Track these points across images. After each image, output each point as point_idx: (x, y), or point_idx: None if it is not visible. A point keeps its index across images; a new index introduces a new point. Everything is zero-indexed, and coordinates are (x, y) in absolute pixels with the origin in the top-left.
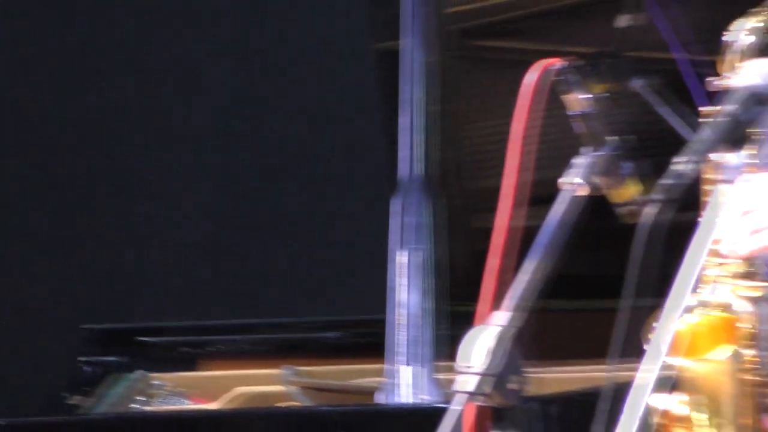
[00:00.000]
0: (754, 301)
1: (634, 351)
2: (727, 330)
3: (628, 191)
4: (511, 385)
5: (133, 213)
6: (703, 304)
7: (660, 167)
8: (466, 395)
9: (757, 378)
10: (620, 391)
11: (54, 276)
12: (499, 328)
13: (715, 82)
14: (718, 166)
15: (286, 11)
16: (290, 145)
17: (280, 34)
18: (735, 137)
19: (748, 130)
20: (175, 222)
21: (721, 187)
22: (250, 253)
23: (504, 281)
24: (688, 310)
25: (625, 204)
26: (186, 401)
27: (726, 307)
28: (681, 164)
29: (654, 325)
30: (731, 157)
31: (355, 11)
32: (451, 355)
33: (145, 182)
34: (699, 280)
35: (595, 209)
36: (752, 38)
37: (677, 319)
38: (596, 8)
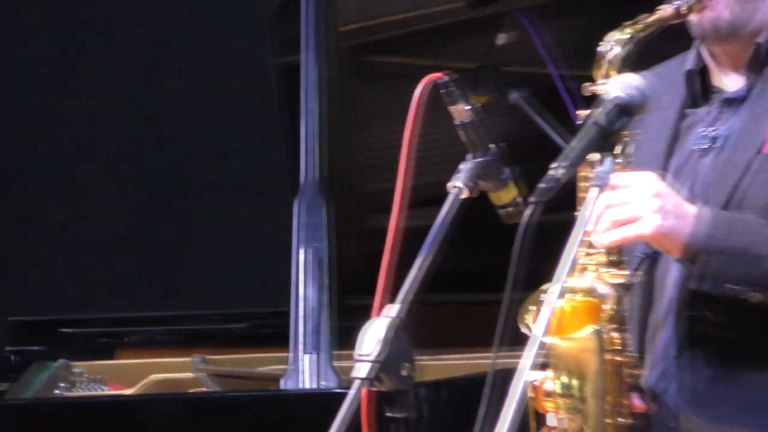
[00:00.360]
0: (618, 286)
1: (515, 339)
2: (592, 312)
3: (508, 194)
4: (403, 371)
5: (55, 213)
6: (573, 290)
7: (538, 172)
8: (361, 380)
9: (622, 358)
10: (503, 376)
11: None
12: (390, 319)
13: (590, 87)
14: (593, 167)
15: (195, 26)
16: (205, 155)
17: (192, 48)
18: (603, 143)
19: (615, 136)
20: (93, 222)
21: (592, 188)
22: (165, 251)
23: (397, 276)
24: (563, 294)
25: (506, 206)
26: (104, 387)
27: (591, 292)
28: (555, 169)
29: (530, 308)
30: (602, 161)
31: (258, 28)
32: (350, 345)
33: (67, 184)
34: (573, 268)
35: (479, 211)
36: (619, 49)
37: (552, 303)
38: (477, 26)
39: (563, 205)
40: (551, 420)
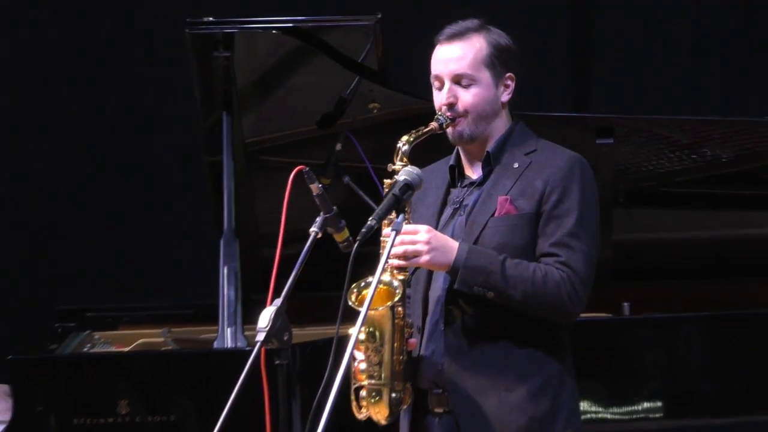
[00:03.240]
0: (402, 281)
1: (346, 318)
2: (388, 295)
3: (344, 235)
4: (285, 337)
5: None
6: (381, 282)
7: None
8: (260, 343)
9: (403, 322)
10: (340, 339)
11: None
12: (276, 307)
13: (391, 166)
14: (391, 220)
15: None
16: (170, 212)
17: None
18: (397, 206)
19: (404, 203)
20: (102, 243)
21: (390, 231)
22: (146, 264)
23: (279, 283)
24: (378, 284)
25: (343, 242)
26: (112, 347)
27: (388, 283)
28: (370, 221)
29: (353, 289)
30: (397, 216)
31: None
32: (253, 322)
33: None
34: (383, 271)
35: (327, 244)
36: (406, 146)
37: (372, 288)
38: (323, 139)
39: (375, 241)
40: (360, 356)
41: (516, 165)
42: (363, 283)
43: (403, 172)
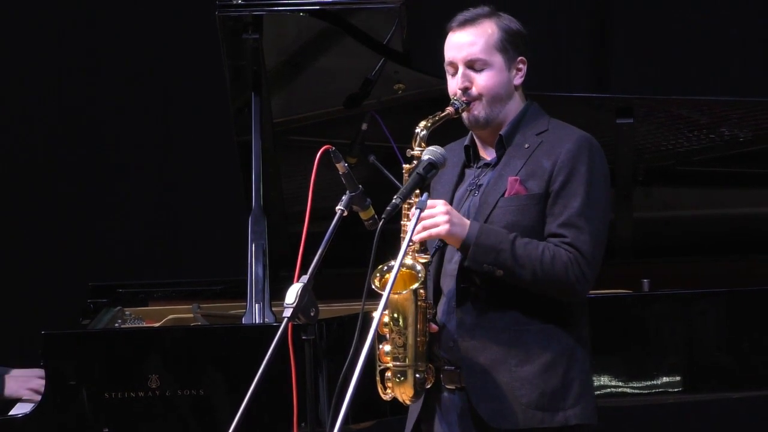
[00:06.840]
0: (425, 264)
1: (371, 295)
2: (410, 278)
3: (369, 213)
4: (311, 313)
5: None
6: (404, 265)
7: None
8: (287, 318)
9: (425, 304)
10: (365, 315)
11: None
12: (303, 283)
13: (410, 152)
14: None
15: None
16: (203, 191)
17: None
18: (421, 185)
19: (427, 181)
20: (133, 223)
21: (415, 210)
22: (177, 243)
23: (306, 259)
24: (400, 267)
25: (368, 220)
26: (143, 322)
27: (410, 267)
28: (395, 199)
29: (377, 273)
30: (421, 194)
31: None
32: (281, 298)
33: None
34: (406, 253)
35: (352, 222)
36: (424, 131)
37: (394, 271)
38: (350, 119)
39: (399, 219)
40: (386, 338)
41: (527, 145)
42: (386, 267)
43: (428, 151)
